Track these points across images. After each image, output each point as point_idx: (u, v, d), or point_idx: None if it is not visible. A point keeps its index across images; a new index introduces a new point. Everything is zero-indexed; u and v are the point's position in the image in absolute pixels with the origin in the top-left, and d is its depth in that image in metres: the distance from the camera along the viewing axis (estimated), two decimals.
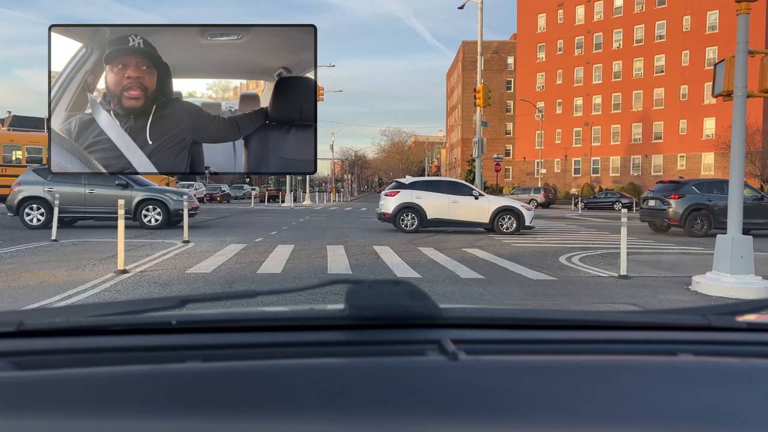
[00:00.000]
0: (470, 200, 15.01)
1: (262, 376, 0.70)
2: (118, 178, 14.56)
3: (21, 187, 14.38)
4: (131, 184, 14.69)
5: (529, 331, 0.94)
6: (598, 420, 0.63)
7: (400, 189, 15.25)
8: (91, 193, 14.40)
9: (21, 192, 14.28)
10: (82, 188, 14.31)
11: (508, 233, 14.78)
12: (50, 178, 14.25)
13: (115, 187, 14.45)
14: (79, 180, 14.33)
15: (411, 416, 0.62)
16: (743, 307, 1.03)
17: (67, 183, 14.29)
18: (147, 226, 14.50)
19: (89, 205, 14.43)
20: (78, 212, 14.48)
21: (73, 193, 14.27)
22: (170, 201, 14.65)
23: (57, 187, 14.17)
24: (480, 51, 24.89)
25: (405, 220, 14.93)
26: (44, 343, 0.84)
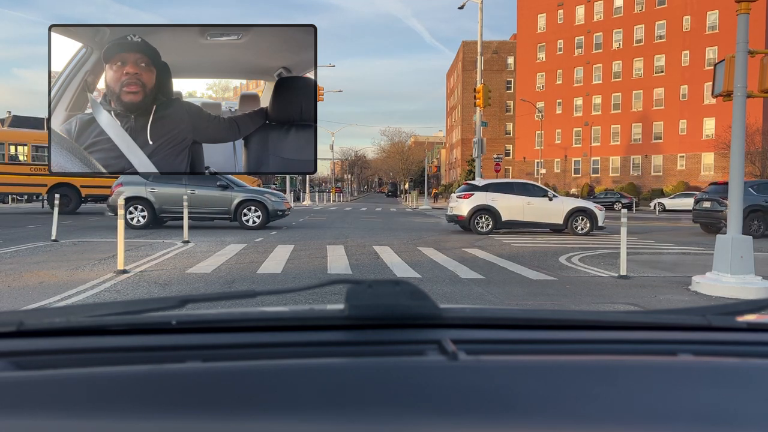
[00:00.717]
0: (544, 202, 15.17)
1: (262, 376, 0.70)
2: (218, 179, 14.99)
3: (123, 187, 14.67)
4: (231, 186, 15.09)
5: (529, 331, 0.94)
6: (598, 420, 0.63)
7: (474, 191, 15.30)
8: (193, 194, 14.64)
9: (123, 193, 14.53)
10: (183, 189, 14.48)
11: (581, 234, 14.97)
12: (152, 178, 14.56)
13: (215, 188, 14.83)
14: (180, 181, 14.65)
15: (411, 416, 0.62)
16: (743, 307, 1.03)
17: (169, 184, 14.65)
18: (247, 227, 14.81)
19: (191, 205, 14.56)
20: (180, 212, 14.63)
21: (175, 194, 14.51)
22: (269, 202, 15.09)
23: (159, 187, 14.59)
24: (480, 51, 24.90)
25: (480, 222, 15.04)
26: (44, 343, 0.84)
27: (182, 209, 13.57)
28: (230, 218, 14.90)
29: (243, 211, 14.85)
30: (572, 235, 14.88)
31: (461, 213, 15.10)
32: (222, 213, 14.89)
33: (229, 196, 14.78)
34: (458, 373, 0.72)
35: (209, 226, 15.85)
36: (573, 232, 14.99)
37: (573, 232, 15.00)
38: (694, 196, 20.94)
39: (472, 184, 15.97)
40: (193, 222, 15.25)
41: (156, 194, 14.56)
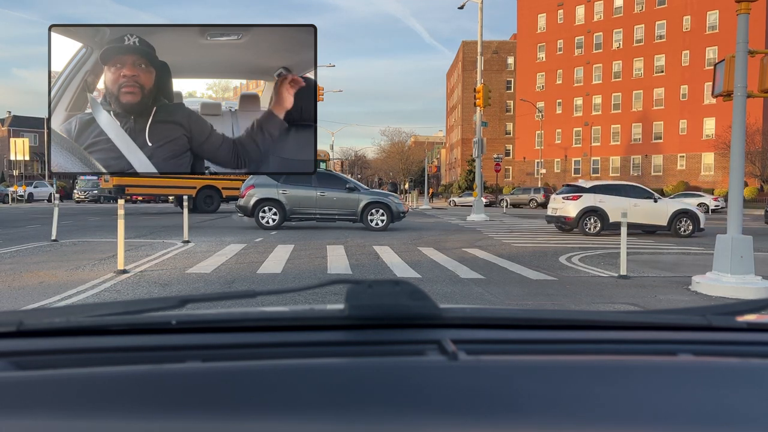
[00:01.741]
0: (650, 203, 15.24)
1: (262, 376, 0.70)
2: (347, 181, 15.71)
3: (255, 189, 15.12)
4: (358, 188, 15.63)
5: (529, 331, 0.94)
6: (598, 420, 0.63)
7: (581, 193, 15.41)
8: (323, 196, 15.13)
9: (255, 194, 15.05)
10: (314, 191, 15.08)
11: (685, 235, 15.07)
12: (283, 180, 15.08)
13: (343, 191, 15.35)
14: (309, 183, 15.08)
15: (411, 416, 0.62)
16: (743, 307, 1.03)
17: (300, 186, 15.12)
18: (372, 228, 15.20)
19: (320, 207, 15.19)
20: (309, 213, 15.21)
21: (305, 196, 15.08)
22: (392, 204, 15.64)
23: (290, 190, 15.04)
24: (480, 51, 24.90)
25: (588, 223, 15.15)
26: (44, 343, 0.84)
27: (311, 210, 14.42)
28: (355, 219, 15.35)
29: (369, 212, 15.29)
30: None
31: (569, 214, 15.19)
32: (349, 214, 15.37)
33: (356, 198, 15.27)
34: (458, 373, 0.72)
35: (210, 226, 15.85)
36: (676, 234, 15.12)
37: (676, 233, 15.12)
38: (696, 196, 20.99)
39: (576, 186, 16.12)
40: (319, 223, 16.01)
41: (287, 196, 15.08)
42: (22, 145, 33.63)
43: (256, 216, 15.15)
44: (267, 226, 15.05)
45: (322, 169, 17.00)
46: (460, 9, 26.14)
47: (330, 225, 16.08)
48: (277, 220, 15.11)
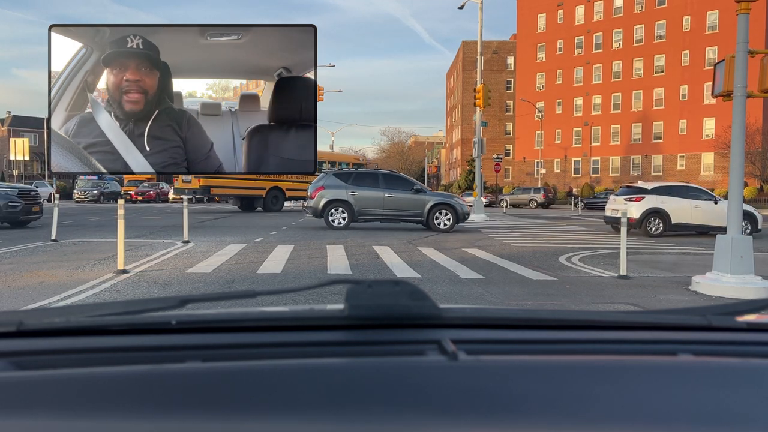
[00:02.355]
0: (710, 205, 15.35)
1: (262, 376, 0.70)
2: (413, 183, 15.95)
3: (325, 191, 15.41)
4: (424, 190, 15.89)
5: (529, 331, 0.94)
6: (597, 420, 0.63)
7: (644, 194, 15.55)
8: (390, 197, 15.43)
9: (325, 196, 15.33)
10: (381, 192, 15.44)
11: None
12: (351, 182, 15.45)
13: (410, 192, 15.61)
14: (377, 184, 15.55)
15: (411, 416, 0.62)
16: (743, 307, 1.03)
17: (368, 187, 15.53)
18: (437, 229, 15.36)
19: (387, 208, 15.48)
20: (376, 214, 15.54)
21: (373, 197, 15.44)
22: (458, 205, 15.82)
23: (359, 191, 15.38)
24: (480, 51, 24.90)
25: (651, 224, 15.27)
26: (44, 343, 0.84)
27: (378, 211, 14.82)
28: (421, 221, 15.56)
29: (435, 214, 15.43)
30: (573, 235, 14.85)
31: (632, 216, 15.17)
32: (415, 216, 15.59)
33: (423, 199, 15.47)
34: (458, 373, 0.72)
35: (210, 226, 15.85)
36: None
37: None
38: None
39: (637, 187, 16.19)
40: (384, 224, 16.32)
41: (356, 197, 15.40)
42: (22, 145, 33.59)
43: (326, 216, 15.45)
44: (337, 227, 15.35)
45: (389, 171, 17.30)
46: (460, 9, 26.15)
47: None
48: (345, 220, 15.42)
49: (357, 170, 16.54)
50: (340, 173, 16.19)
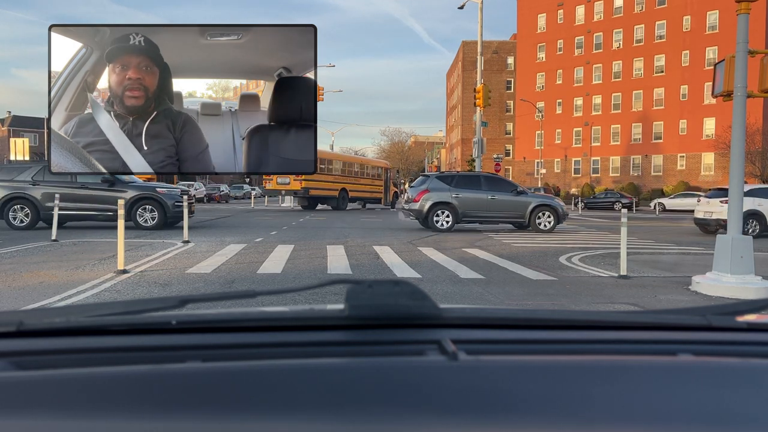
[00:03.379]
0: None
1: (262, 376, 0.70)
2: (515, 185, 16.35)
3: (430, 194, 15.68)
4: (525, 191, 16.25)
5: (529, 331, 0.94)
6: (598, 420, 0.63)
7: None
8: (493, 199, 15.66)
9: (431, 199, 15.58)
10: (484, 194, 15.70)
11: None
12: (454, 184, 15.73)
13: (512, 194, 15.90)
14: (480, 187, 15.87)
15: (411, 416, 0.62)
16: (743, 307, 1.03)
17: (471, 189, 15.80)
18: (539, 230, 15.58)
19: (490, 210, 15.72)
20: (480, 216, 15.82)
21: (477, 199, 15.66)
22: (559, 206, 16.14)
23: (463, 193, 15.67)
24: (480, 51, 24.90)
25: (748, 225, 15.38)
26: (44, 343, 0.84)
27: (481, 213, 15.25)
28: (523, 222, 15.74)
29: (537, 215, 15.70)
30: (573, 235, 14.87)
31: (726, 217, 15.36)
32: (517, 217, 15.79)
33: (525, 201, 15.68)
34: (458, 373, 0.72)
35: (211, 226, 15.85)
36: None
37: None
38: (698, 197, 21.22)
39: None
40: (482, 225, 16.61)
41: (460, 199, 15.63)
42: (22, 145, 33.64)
43: (430, 219, 15.64)
44: (441, 229, 15.52)
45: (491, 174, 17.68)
46: (460, 9, 26.14)
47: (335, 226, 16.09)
48: (449, 223, 15.64)
49: (459, 173, 16.91)
50: (443, 176, 16.49)
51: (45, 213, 13.98)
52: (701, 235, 15.96)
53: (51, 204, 13.46)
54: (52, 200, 13.26)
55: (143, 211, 14.39)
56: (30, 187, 14.37)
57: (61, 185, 14.28)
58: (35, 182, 14.37)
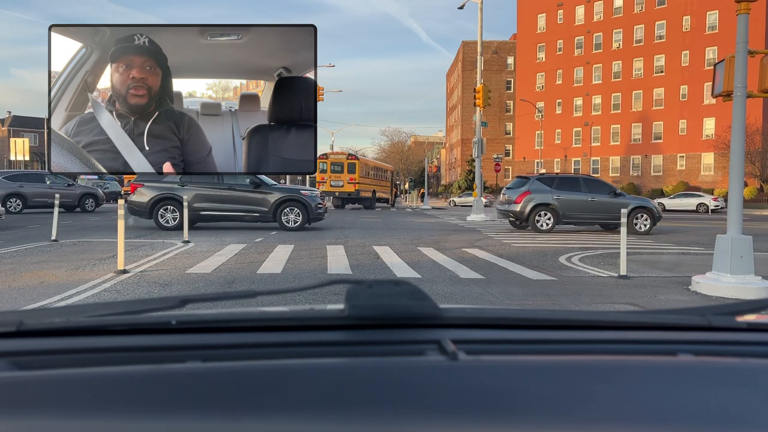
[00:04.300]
0: None
1: (262, 376, 0.70)
2: (612, 187, 16.55)
3: (532, 195, 15.97)
4: (623, 194, 16.44)
5: (529, 331, 0.94)
6: (597, 420, 0.63)
7: None
8: (592, 201, 15.95)
9: (533, 200, 15.87)
10: (584, 196, 16.00)
11: None
12: (555, 186, 16.04)
13: (609, 195, 16.14)
14: (579, 189, 16.12)
15: (411, 416, 0.62)
16: (743, 307, 1.03)
17: (572, 191, 16.08)
18: (636, 232, 15.66)
19: (590, 211, 15.96)
20: (580, 217, 16.07)
21: (577, 200, 15.96)
22: (654, 207, 16.26)
23: (564, 195, 15.98)
24: (480, 51, 24.90)
25: None
26: (44, 343, 0.84)
27: (582, 214, 15.67)
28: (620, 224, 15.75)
29: (635, 216, 15.89)
30: (573, 234, 14.88)
31: None
32: (614, 219, 15.81)
33: (623, 203, 15.72)
34: (458, 373, 0.72)
35: (211, 226, 15.85)
36: None
37: None
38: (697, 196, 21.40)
39: None
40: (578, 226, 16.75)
41: (561, 201, 15.93)
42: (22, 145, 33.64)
43: (532, 220, 15.94)
44: (541, 230, 15.77)
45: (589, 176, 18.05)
46: (460, 9, 26.14)
47: None
48: (550, 224, 15.90)
49: (558, 175, 17.14)
50: (544, 178, 16.75)
51: (193, 213, 14.36)
52: (702, 234, 15.98)
53: (199, 205, 14.30)
54: (201, 201, 14.15)
55: (288, 213, 14.86)
56: (178, 188, 14.67)
57: (209, 187, 14.78)
58: (183, 183, 14.75)
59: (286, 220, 14.82)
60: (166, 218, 14.58)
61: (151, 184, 14.76)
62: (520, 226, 16.46)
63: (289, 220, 14.83)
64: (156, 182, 14.77)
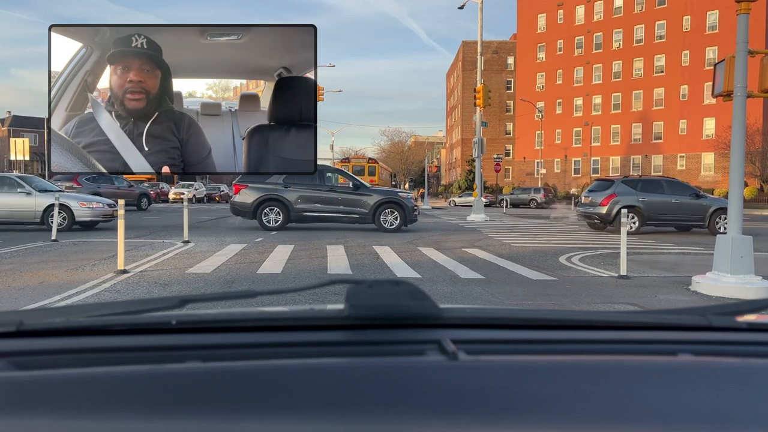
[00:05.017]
0: None
1: (262, 376, 0.70)
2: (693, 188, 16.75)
3: (618, 197, 16.03)
4: (705, 195, 16.60)
5: (529, 331, 0.94)
6: (597, 420, 0.63)
7: None
8: (676, 202, 16.17)
9: (619, 202, 15.85)
10: (668, 197, 16.19)
11: None
12: (639, 188, 16.30)
13: (690, 197, 16.30)
14: (663, 191, 16.32)
15: (411, 416, 0.62)
16: (743, 307, 1.03)
17: (656, 194, 16.22)
18: (717, 232, 15.57)
19: (673, 212, 16.15)
20: (664, 219, 16.21)
21: (662, 202, 16.10)
22: None
23: (648, 197, 16.14)
24: (480, 51, 24.90)
25: None
26: (44, 343, 0.84)
27: (666, 215, 15.98)
28: (703, 224, 16.19)
29: (717, 218, 16.05)
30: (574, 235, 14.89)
31: None
32: (696, 220, 16.23)
33: (705, 204, 16.08)
34: (458, 373, 0.72)
35: (211, 226, 15.85)
36: None
37: None
38: None
39: None
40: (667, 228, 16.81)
41: (645, 203, 16.08)
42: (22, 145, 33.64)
43: (617, 221, 15.91)
44: (630, 232, 15.79)
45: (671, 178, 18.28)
46: (460, 9, 26.14)
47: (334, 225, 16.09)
48: (636, 225, 15.99)
49: (641, 177, 17.45)
50: (628, 180, 17.01)
51: (296, 214, 14.97)
52: (702, 234, 15.98)
53: (302, 206, 14.77)
54: (304, 202, 14.65)
55: (386, 214, 15.16)
56: (282, 190, 15.08)
57: (312, 188, 15.12)
58: (287, 185, 15.08)
59: (384, 222, 15.11)
60: (270, 219, 15.02)
61: (255, 185, 15.18)
62: (598, 227, 16.64)
63: (387, 221, 15.12)
64: (260, 183, 15.17)
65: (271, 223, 14.98)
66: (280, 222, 14.98)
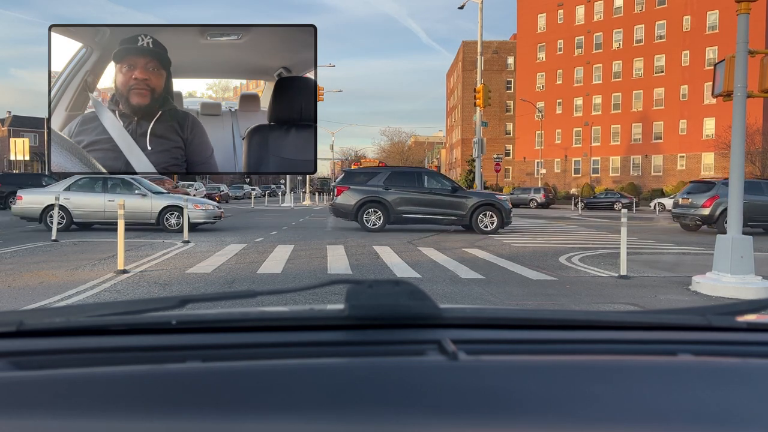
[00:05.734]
0: None
1: (262, 376, 0.70)
2: None
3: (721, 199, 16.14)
4: None
5: (529, 331, 0.94)
6: (597, 420, 0.63)
7: None
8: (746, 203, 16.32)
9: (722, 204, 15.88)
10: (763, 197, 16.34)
11: None
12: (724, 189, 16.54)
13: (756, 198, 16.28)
14: (762, 192, 16.39)
15: (411, 416, 0.62)
16: (743, 307, 1.03)
17: (756, 195, 16.07)
18: None
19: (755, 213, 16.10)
20: (760, 220, 16.26)
21: (761, 204, 16.16)
22: None
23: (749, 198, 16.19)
24: (480, 51, 24.89)
25: None
26: (44, 343, 0.84)
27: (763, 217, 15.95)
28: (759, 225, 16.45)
29: None
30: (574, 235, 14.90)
31: None
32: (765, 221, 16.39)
33: None
34: (458, 373, 0.72)
35: (210, 226, 15.86)
36: None
37: None
38: None
39: None
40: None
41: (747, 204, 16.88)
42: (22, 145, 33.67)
43: (720, 222, 16.08)
44: None
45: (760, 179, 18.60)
46: (460, 9, 26.14)
47: None
48: None
49: None
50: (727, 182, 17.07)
51: (395, 216, 15.21)
52: (703, 234, 15.99)
53: (402, 208, 15.14)
54: (403, 204, 14.96)
55: (483, 217, 15.15)
56: (383, 192, 15.31)
57: (412, 190, 15.34)
58: (387, 187, 15.30)
59: (481, 224, 15.11)
60: (371, 220, 15.19)
61: (357, 187, 15.40)
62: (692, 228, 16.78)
63: (485, 224, 15.13)
64: (361, 185, 15.40)
65: (373, 224, 15.14)
66: (380, 224, 15.15)
